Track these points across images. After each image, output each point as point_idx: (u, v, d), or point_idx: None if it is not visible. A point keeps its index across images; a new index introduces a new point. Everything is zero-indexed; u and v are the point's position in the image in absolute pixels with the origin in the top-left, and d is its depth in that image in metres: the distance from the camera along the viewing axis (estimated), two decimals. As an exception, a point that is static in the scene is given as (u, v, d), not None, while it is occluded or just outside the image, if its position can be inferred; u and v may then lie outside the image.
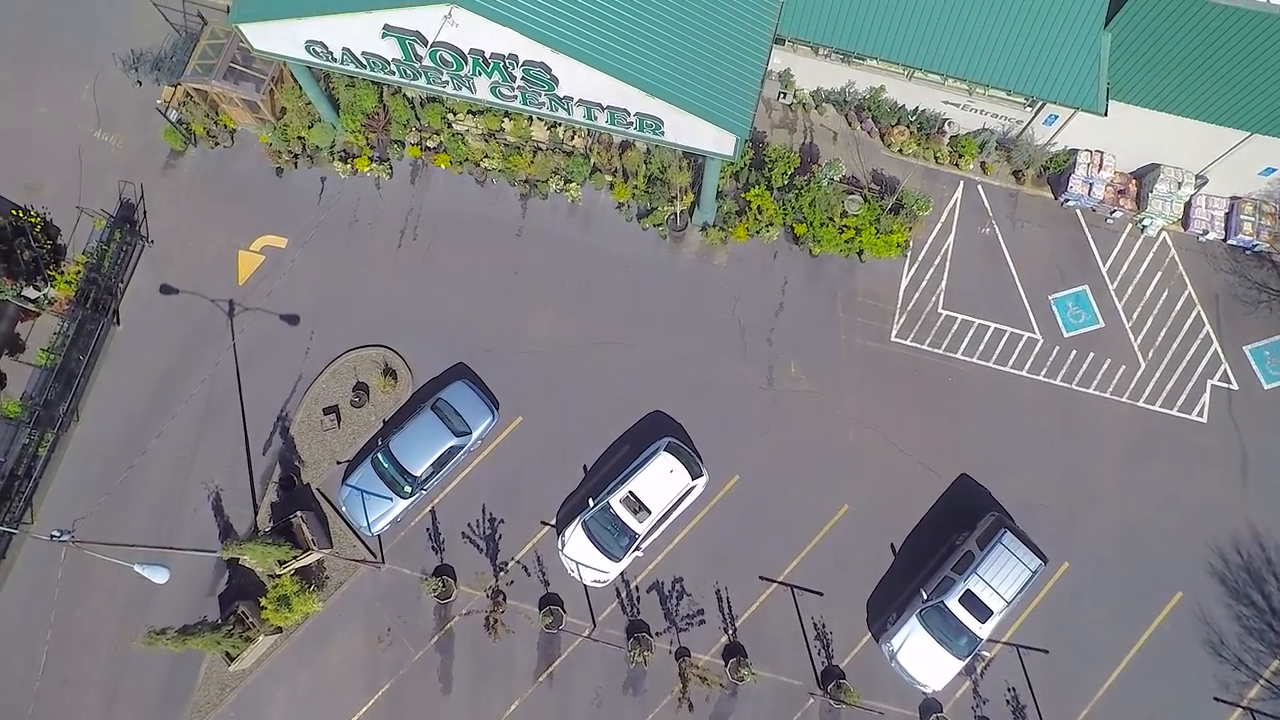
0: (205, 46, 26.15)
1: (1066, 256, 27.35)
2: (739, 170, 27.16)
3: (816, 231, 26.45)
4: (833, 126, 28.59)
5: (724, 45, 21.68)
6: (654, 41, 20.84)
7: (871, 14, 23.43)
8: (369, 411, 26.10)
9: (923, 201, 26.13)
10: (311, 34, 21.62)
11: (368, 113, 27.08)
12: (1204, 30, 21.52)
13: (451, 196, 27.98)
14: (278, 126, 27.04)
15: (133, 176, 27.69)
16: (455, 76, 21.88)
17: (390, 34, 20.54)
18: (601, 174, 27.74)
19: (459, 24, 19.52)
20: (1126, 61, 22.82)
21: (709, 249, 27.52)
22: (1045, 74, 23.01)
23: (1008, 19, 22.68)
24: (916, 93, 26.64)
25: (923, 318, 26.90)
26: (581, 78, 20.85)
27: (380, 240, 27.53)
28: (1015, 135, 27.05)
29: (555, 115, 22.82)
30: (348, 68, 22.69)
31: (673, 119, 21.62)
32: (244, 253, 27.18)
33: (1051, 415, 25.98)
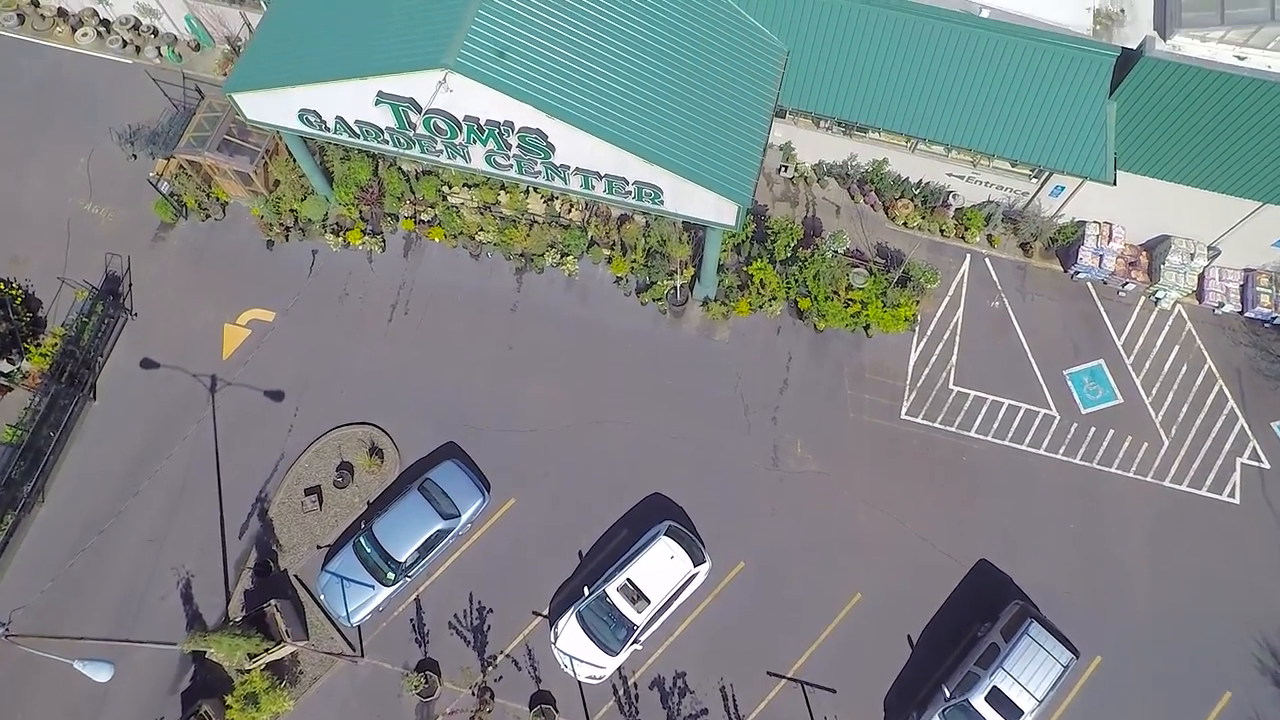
0: (201, 120, 25.98)
1: (1079, 330, 26.47)
2: (740, 243, 26.59)
3: (821, 306, 25.66)
4: (835, 200, 28.19)
5: (724, 113, 21.35)
6: (653, 109, 20.50)
7: (873, 85, 23.21)
8: (353, 493, 24.73)
9: (930, 274, 25.44)
10: (305, 102, 21.31)
11: (362, 185, 26.70)
12: (1209, 99, 21.22)
13: (445, 270, 27.35)
14: (270, 199, 26.62)
15: (121, 249, 27.13)
16: (450, 145, 21.47)
17: (384, 101, 20.19)
18: (599, 247, 27.17)
19: (454, 90, 19.15)
20: (1132, 131, 22.48)
21: (710, 324, 26.70)
22: (1051, 144, 22.62)
23: (1011, 88, 22.42)
24: (920, 165, 26.31)
25: (933, 394, 25.82)
26: (578, 145, 20.40)
27: (370, 314, 26.72)
28: (1021, 208, 26.59)
29: (551, 185, 22.32)
30: (341, 137, 22.32)
31: (673, 187, 21.09)
32: (230, 326, 26.33)
33: (1073, 496, 24.58)
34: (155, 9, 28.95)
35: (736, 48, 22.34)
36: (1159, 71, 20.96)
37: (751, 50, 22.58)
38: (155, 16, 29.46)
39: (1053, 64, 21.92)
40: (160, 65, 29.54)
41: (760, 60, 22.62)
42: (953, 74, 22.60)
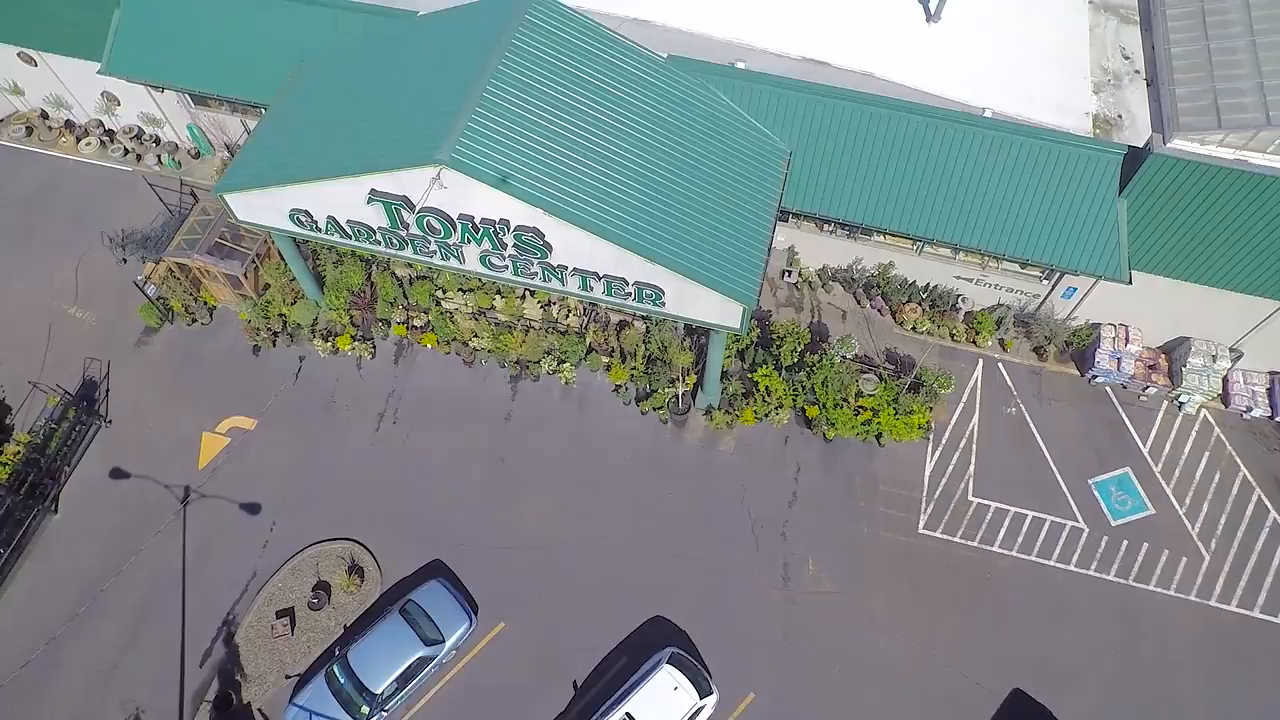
0: (194, 223, 25.59)
1: (1102, 437, 25.16)
2: (744, 349, 25.66)
3: (830, 414, 24.46)
4: (841, 305, 27.47)
5: (727, 214, 20.81)
6: (653, 208, 19.95)
7: (877, 186, 22.88)
8: (329, 615, 22.74)
9: (944, 379, 24.37)
10: (296, 202, 20.81)
11: (354, 290, 26.02)
12: (1220, 195, 20.80)
13: (437, 378, 26.28)
14: (259, 303, 25.87)
15: (102, 353, 26.17)
16: (443, 245, 20.82)
17: (376, 199, 19.65)
18: (598, 354, 26.23)
19: (448, 187, 18.62)
20: (1143, 230, 21.97)
21: (714, 434, 25.40)
22: (1062, 243, 22.06)
23: (1019, 188, 22.07)
24: (927, 268, 25.73)
25: (952, 506, 24.23)
26: (576, 244, 19.73)
27: (357, 423, 25.45)
28: (1033, 310, 25.82)
29: (548, 287, 21.54)
30: (333, 238, 21.72)
31: (674, 289, 20.27)
32: (208, 435, 25.01)
33: (1111, 616, 22.59)
34: (159, 118, 29.19)
35: (738, 148, 22.10)
36: (1168, 168, 20.60)
37: (754, 151, 22.33)
38: (158, 125, 29.68)
39: (1060, 163, 21.62)
40: (159, 172, 29.53)
41: (763, 161, 22.34)
42: (959, 174, 22.28)
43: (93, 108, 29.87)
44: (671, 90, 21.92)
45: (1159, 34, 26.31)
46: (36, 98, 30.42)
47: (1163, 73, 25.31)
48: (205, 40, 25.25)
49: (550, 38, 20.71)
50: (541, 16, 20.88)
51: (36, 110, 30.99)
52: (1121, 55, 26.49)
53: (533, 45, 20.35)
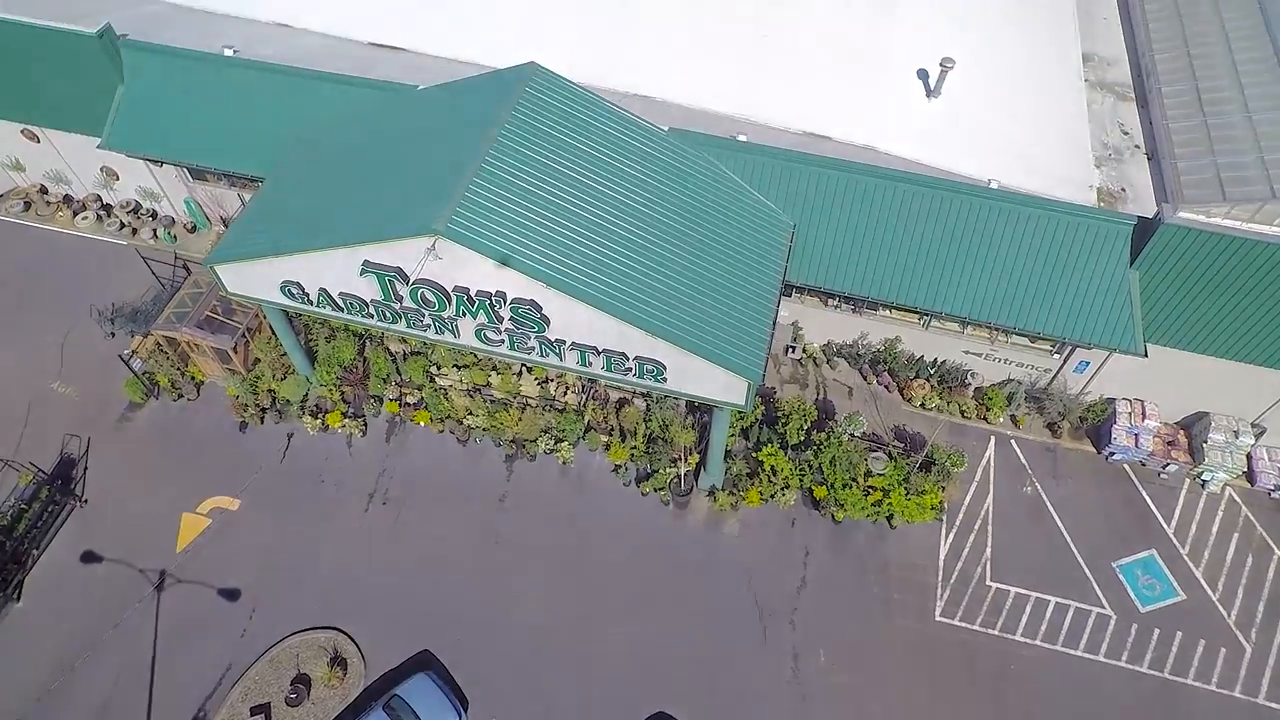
0: (184, 296, 25.05)
1: (1123, 517, 24.04)
2: (748, 427, 24.79)
3: (839, 494, 23.43)
4: (847, 381, 26.74)
5: (731, 287, 20.27)
6: (655, 281, 19.40)
7: (883, 258, 22.45)
8: (308, 711, 21.19)
9: (956, 457, 23.42)
10: (287, 274, 20.30)
11: (345, 365, 25.32)
12: (1234, 266, 20.33)
13: (429, 456, 25.33)
14: (247, 378, 25.12)
15: (82, 430, 25.25)
16: (437, 318, 20.20)
17: (369, 271, 19.12)
18: (596, 433, 25.34)
19: (443, 257, 18.11)
20: (1157, 301, 21.41)
21: (718, 516, 24.29)
22: (1074, 316, 21.49)
23: (1027, 260, 21.63)
24: (934, 343, 25.10)
25: (969, 592, 22.95)
26: (575, 318, 19.11)
27: (346, 504, 24.36)
28: (1045, 385, 25.08)
29: (546, 362, 20.83)
30: (324, 310, 21.13)
31: (677, 364, 19.56)
32: (189, 515, 23.88)
33: (1147, 712, 21.05)
34: (157, 192, 29.07)
35: (742, 221, 21.74)
36: (1180, 239, 20.18)
37: (757, 224, 21.97)
38: (156, 200, 29.55)
39: (1069, 234, 21.23)
40: (154, 246, 29.22)
41: (767, 234, 21.95)
42: (966, 246, 21.87)
43: (92, 182, 29.79)
44: (673, 162, 21.70)
45: (1156, 110, 26.50)
46: (37, 173, 30.42)
47: (1163, 147, 25.33)
48: (205, 115, 25.25)
49: (550, 110, 20.58)
50: (541, 89, 20.80)
51: (36, 185, 30.93)
52: (1120, 130, 26.56)
53: (532, 117, 20.20)
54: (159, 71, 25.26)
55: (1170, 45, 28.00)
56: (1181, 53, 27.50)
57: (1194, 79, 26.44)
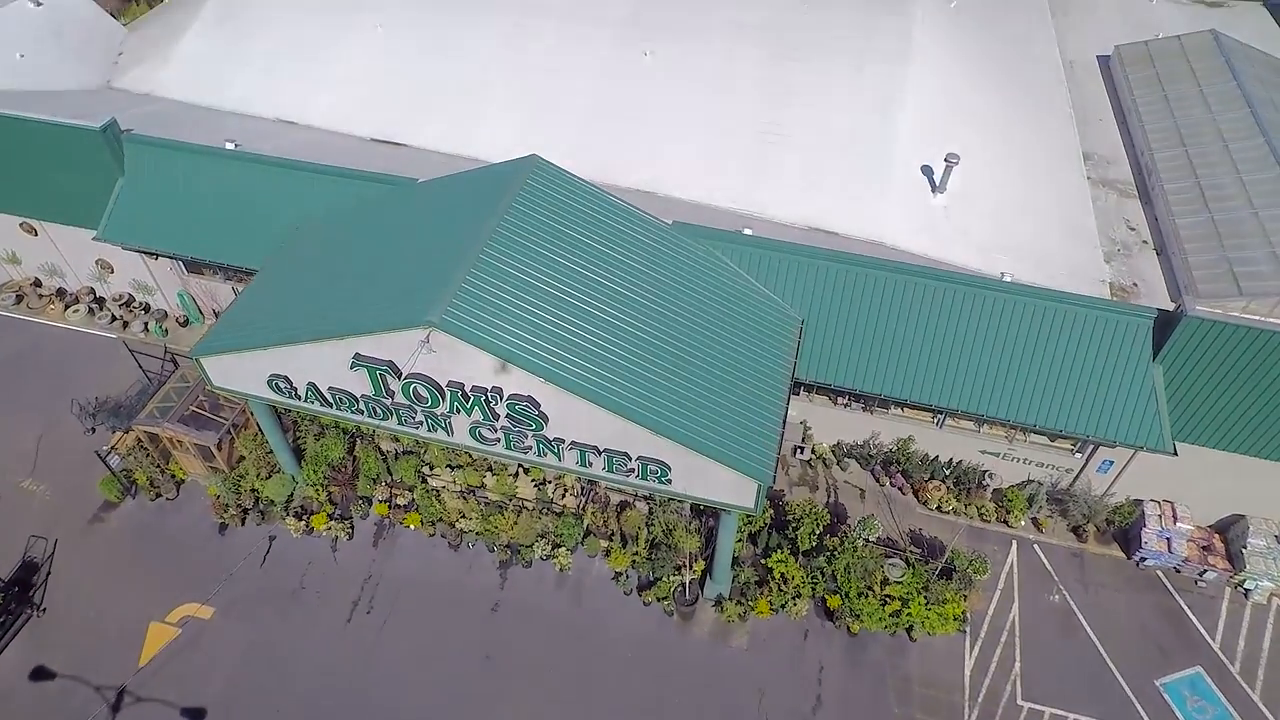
0: (170, 390, 24.15)
1: (1162, 629, 22.41)
2: (757, 532, 23.46)
3: (854, 604, 21.92)
4: (858, 483, 25.54)
5: (738, 384, 19.39)
6: (659, 378, 18.53)
7: (894, 354, 21.68)
8: None
9: (979, 563, 22.01)
10: (275, 367, 19.44)
11: (334, 464, 24.18)
12: (1262, 359, 19.50)
13: (419, 562, 23.87)
14: (230, 477, 23.93)
15: (49, 531, 23.85)
16: (430, 415, 19.22)
17: (360, 365, 18.27)
18: (596, 538, 23.98)
19: (436, 350, 17.29)
20: (1182, 397, 20.48)
21: (726, 627, 22.67)
22: (1095, 413, 20.55)
23: (1044, 355, 20.82)
24: (949, 442, 24.07)
25: (1000, 713, 21.11)
26: (575, 415, 18.16)
27: (327, 612, 22.76)
28: (1067, 486, 23.89)
29: (543, 462, 19.74)
30: (312, 406, 20.18)
31: (682, 464, 18.48)
32: (157, 625, 22.22)
33: None
34: (151, 285, 28.59)
35: (748, 316, 21.06)
36: (1204, 331, 19.43)
37: (764, 319, 21.30)
38: (149, 293, 29.04)
39: (1088, 328, 20.51)
40: (144, 340, 28.55)
41: (774, 329, 21.24)
42: (980, 342, 21.13)
43: (86, 275, 29.37)
44: (677, 256, 21.22)
45: (1160, 207, 26.39)
46: (33, 266, 30.05)
47: (1171, 243, 25.05)
48: (203, 208, 25.01)
49: (551, 202, 20.22)
50: (542, 181, 20.51)
51: (30, 279, 30.53)
52: (1126, 226, 26.35)
53: (532, 209, 19.80)
54: (159, 164, 25.17)
55: (1167, 143, 28.20)
56: (1179, 150, 27.66)
57: (1195, 175, 26.46)
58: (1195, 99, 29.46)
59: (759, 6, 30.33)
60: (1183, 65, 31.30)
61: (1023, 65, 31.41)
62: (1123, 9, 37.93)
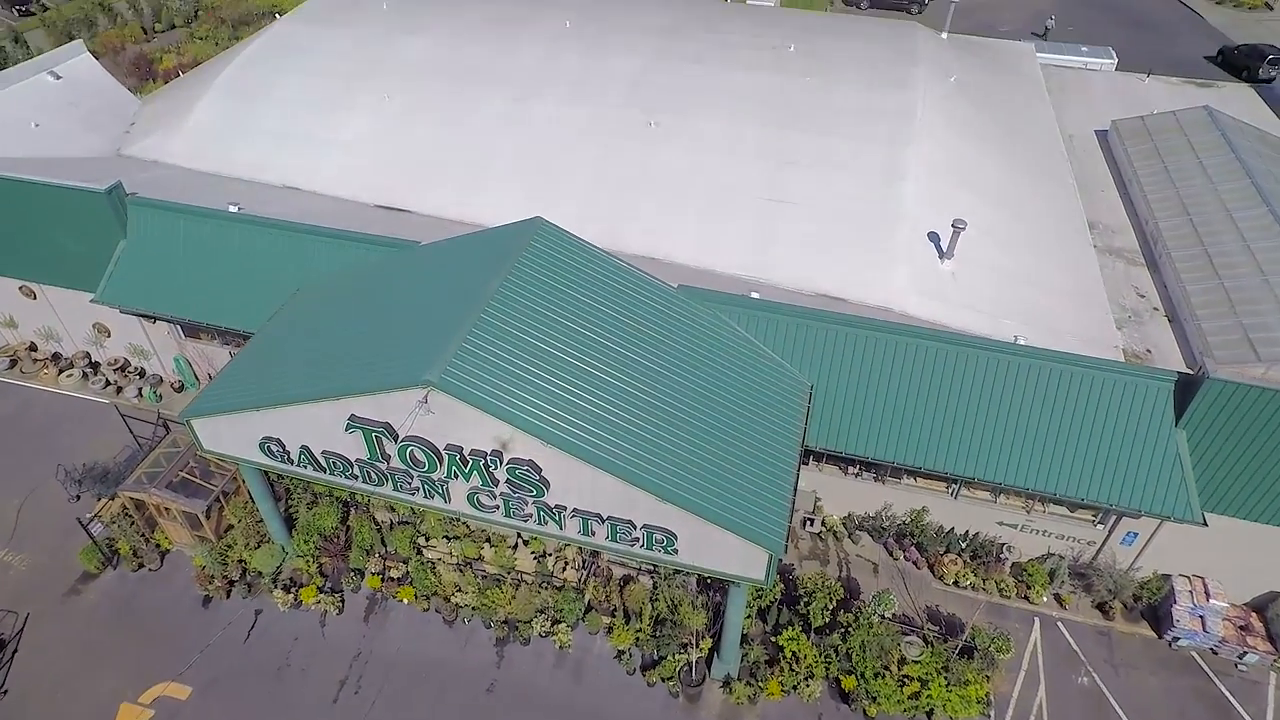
0: (160, 455, 23.42)
1: (1203, 717, 21.06)
2: (766, 607, 22.36)
3: (871, 685, 20.68)
4: (871, 557, 24.52)
5: (747, 450, 18.71)
6: (664, 442, 17.87)
7: (906, 420, 21.01)
8: None
9: (1002, 641, 20.85)
10: (268, 429, 18.79)
11: (326, 534, 23.24)
12: (1291, 427, 18.85)
13: (411, 638, 22.67)
14: (217, 546, 22.96)
15: (23, 604, 22.72)
16: (427, 481, 18.48)
17: (356, 427, 17.63)
18: (598, 614, 22.85)
19: (435, 412, 16.69)
20: (1210, 464, 19.71)
21: (734, 709, 21.35)
22: (1118, 481, 19.76)
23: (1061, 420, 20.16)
24: (965, 513, 23.18)
25: (1030, 807, 19.68)
26: (577, 480, 17.43)
27: (312, 692, 21.47)
28: (1090, 560, 22.88)
29: (544, 531, 18.90)
30: (305, 471, 19.44)
31: (689, 533, 17.66)
32: (129, 706, 20.91)
33: None
34: (147, 350, 28.15)
35: (756, 381, 20.53)
36: (1228, 395, 18.81)
37: (772, 384, 20.75)
38: (145, 357, 28.58)
39: (1104, 392, 19.91)
40: (137, 405, 27.95)
41: (783, 394, 20.67)
42: (995, 407, 20.51)
43: (82, 339, 28.97)
44: (683, 319, 20.82)
45: (1168, 275, 26.25)
46: (29, 330, 29.69)
47: (1182, 310, 24.77)
48: (205, 270, 24.78)
49: (555, 263, 19.95)
50: (546, 243, 20.29)
51: (26, 343, 30.13)
52: (1136, 293, 26.11)
53: (536, 270, 19.51)
54: (161, 226, 25.06)
55: (1171, 212, 28.27)
56: (1184, 219, 27.69)
57: (1201, 243, 26.41)
58: (1195, 170, 29.69)
59: (763, 78, 30.84)
60: (1180, 139, 31.69)
61: (1024, 137, 31.75)
62: (1116, 88, 38.77)
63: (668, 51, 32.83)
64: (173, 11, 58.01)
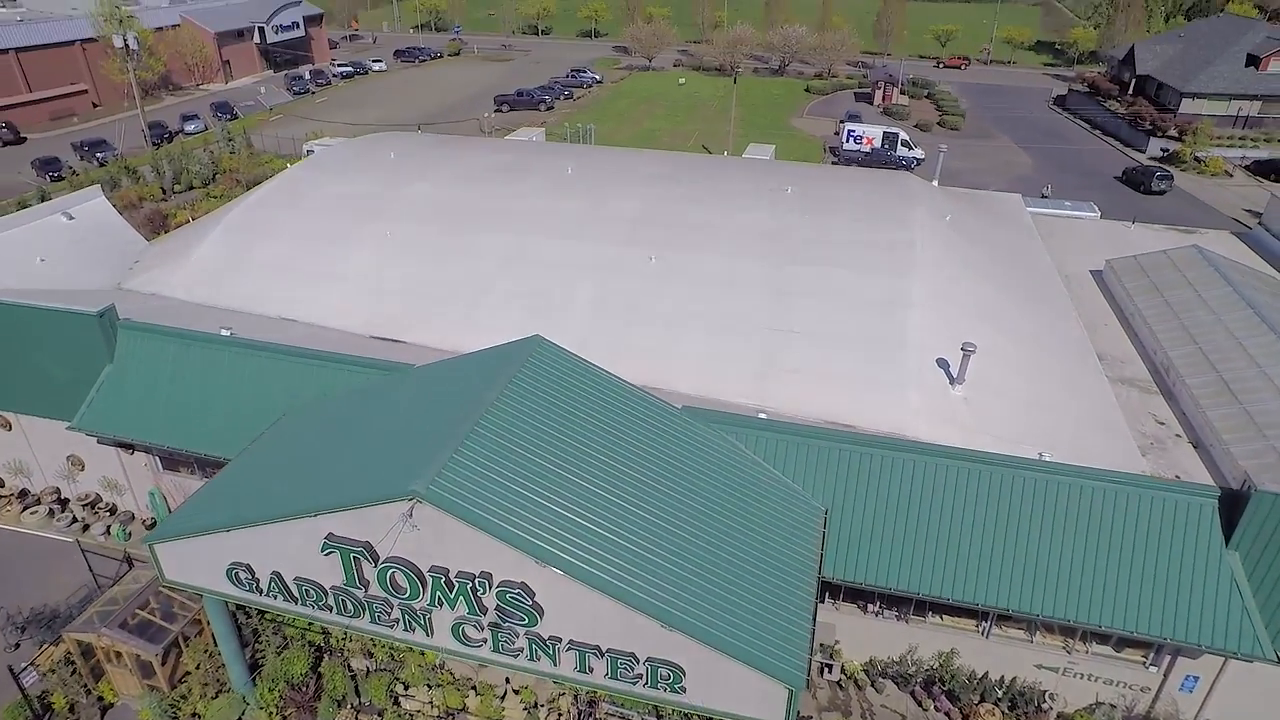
0: (117, 594, 21.46)
1: None
2: (783, 764, 19.78)
3: None
4: (897, 708, 22.07)
5: (759, 576, 17.10)
6: (670, 566, 16.34)
7: (929, 549, 19.41)
8: None
9: (1057, 804, 18.26)
10: (238, 553, 17.20)
11: (293, 682, 20.93)
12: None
13: (383, 805, 19.91)
14: (169, 696, 20.56)
15: (-62, 770, 20.01)
16: (408, 610, 16.70)
17: (333, 547, 16.10)
18: (594, 776, 20.26)
19: (420, 528, 15.27)
20: (1273, 592, 17.90)
21: None
22: (1165, 611, 17.90)
23: (1099, 544, 18.59)
24: (998, 655, 21.05)
25: None
26: (574, 605, 15.73)
27: None
28: (1146, 710, 20.51)
29: (536, 668, 16.89)
30: (275, 601, 17.64)
31: (698, 667, 15.74)
32: None
33: None
34: (121, 484, 26.70)
35: (766, 505, 19.15)
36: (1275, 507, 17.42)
37: (784, 508, 19.36)
38: (119, 492, 27.05)
39: (1142, 511, 18.49)
40: (103, 544, 26.09)
41: (796, 520, 19.23)
42: (1022, 530, 18.99)
43: (54, 473, 27.54)
44: (687, 440, 19.75)
45: (1186, 402, 25.53)
46: (-1, 465, 28.38)
47: (1206, 435, 23.86)
48: (190, 395, 23.86)
49: (554, 380, 19.14)
50: (546, 360, 19.59)
51: (-7, 480, 28.70)
52: (1155, 421, 25.24)
53: (534, 386, 18.67)
54: (150, 350, 24.37)
55: (1179, 342, 27.95)
56: (1193, 348, 27.31)
57: (1215, 370, 25.88)
58: (1195, 302, 29.69)
59: (762, 216, 31.40)
60: (1176, 274, 31.96)
61: (1022, 272, 31.99)
62: (1104, 233, 39.73)
63: (667, 195, 33.68)
64: (191, 175, 60.60)
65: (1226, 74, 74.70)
